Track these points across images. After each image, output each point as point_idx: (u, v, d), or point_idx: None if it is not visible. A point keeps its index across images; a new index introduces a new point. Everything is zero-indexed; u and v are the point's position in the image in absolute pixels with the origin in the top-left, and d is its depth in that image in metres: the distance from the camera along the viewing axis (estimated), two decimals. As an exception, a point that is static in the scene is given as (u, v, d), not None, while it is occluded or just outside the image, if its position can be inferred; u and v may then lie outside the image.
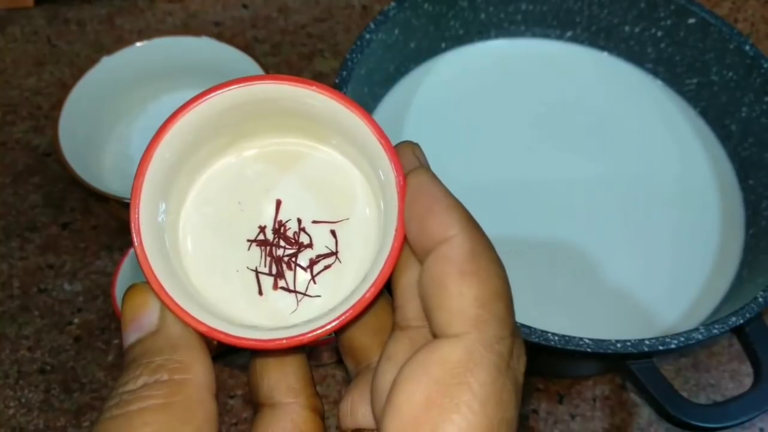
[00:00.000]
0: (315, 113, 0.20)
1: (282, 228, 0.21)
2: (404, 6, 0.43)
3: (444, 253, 0.18)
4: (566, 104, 0.48)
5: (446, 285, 0.17)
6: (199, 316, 0.19)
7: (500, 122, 0.47)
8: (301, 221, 0.21)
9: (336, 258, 0.21)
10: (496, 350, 0.17)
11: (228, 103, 0.20)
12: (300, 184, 0.21)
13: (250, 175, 0.21)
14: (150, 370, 0.18)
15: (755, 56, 0.42)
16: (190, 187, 0.21)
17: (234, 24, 0.58)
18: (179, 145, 0.20)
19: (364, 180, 0.21)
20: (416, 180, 0.19)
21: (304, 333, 0.18)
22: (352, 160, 0.21)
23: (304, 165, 0.21)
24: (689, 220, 0.43)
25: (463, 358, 0.17)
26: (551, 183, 0.44)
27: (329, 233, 0.21)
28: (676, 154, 0.46)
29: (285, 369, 0.21)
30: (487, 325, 0.17)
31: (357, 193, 0.21)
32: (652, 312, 0.40)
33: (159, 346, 0.18)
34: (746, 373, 0.43)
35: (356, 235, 0.21)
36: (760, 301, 0.34)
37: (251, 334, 0.19)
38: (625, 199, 0.44)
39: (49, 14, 0.58)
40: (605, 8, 0.47)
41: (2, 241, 0.48)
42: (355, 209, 0.21)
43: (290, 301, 0.21)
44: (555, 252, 0.42)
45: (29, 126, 0.53)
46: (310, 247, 0.21)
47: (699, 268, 0.42)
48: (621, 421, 0.42)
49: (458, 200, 0.19)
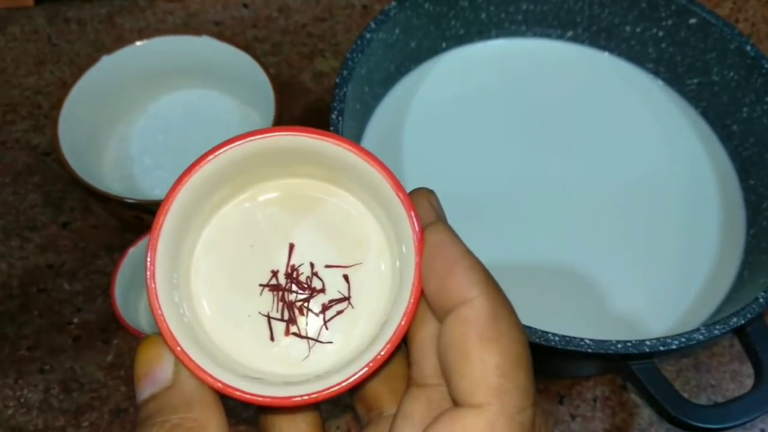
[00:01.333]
0: (330, 162, 0.20)
1: (295, 272, 0.21)
2: (405, 5, 0.43)
3: (464, 316, 0.17)
4: (566, 104, 0.48)
5: (467, 350, 0.17)
6: (214, 372, 0.18)
7: (500, 122, 0.47)
8: (314, 266, 0.21)
9: (348, 303, 0.21)
10: (518, 421, 0.17)
11: (242, 154, 0.20)
12: (313, 229, 0.21)
13: (262, 218, 0.21)
14: (165, 430, 0.18)
15: (756, 56, 0.42)
16: (203, 230, 0.21)
17: (234, 23, 0.58)
18: (193, 194, 0.20)
19: (378, 227, 0.21)
20: (435, 237, 0.19)
21: (320, 390, 0.18)
22: (368, 207, 0.21)
23: (317, 210, 0.21)
24: (690, 221, 0.43)
25: (486, 430, 0.17)
26: (551, 183, 0.44)
27: (342, 278, 0.21)
28: (676, 155, 0.46)
29: (296, 418, 0.21)
30: (509, 395, 0.17)
31: (371, 240, 0.21)
32: (653, 312, 0.40)
33: (174, 404, 0.18)
34: (747, 374, 0.43)
35: (369, 280, 0.21)
36: (761, 302, 0.34)
37: (266, 391, 0.18)
38: (625, 199, 0.44)
39: (49, 13, 0.58)
40: (606, 8, 0.47)
41: (2, 240, 0.48)
42: (369, 255, 0.21)
43: (302, 347, 0.20)
44: (554, 252, 0.42)
45: (29, 125, 0.53)
46: (323, 292, 0.21)
47: (700, 268, 0.42)
48: (621, 422, 0.42)
49: (478, 259, 0.19)
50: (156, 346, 0.19)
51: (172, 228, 0.19)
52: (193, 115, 0.50)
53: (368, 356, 0.19)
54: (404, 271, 0.20)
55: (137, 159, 0.48)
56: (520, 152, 0.46)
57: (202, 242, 0.21)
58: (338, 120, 0.38)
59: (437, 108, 0.47)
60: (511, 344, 0.17)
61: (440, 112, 0.47)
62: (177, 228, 0.19)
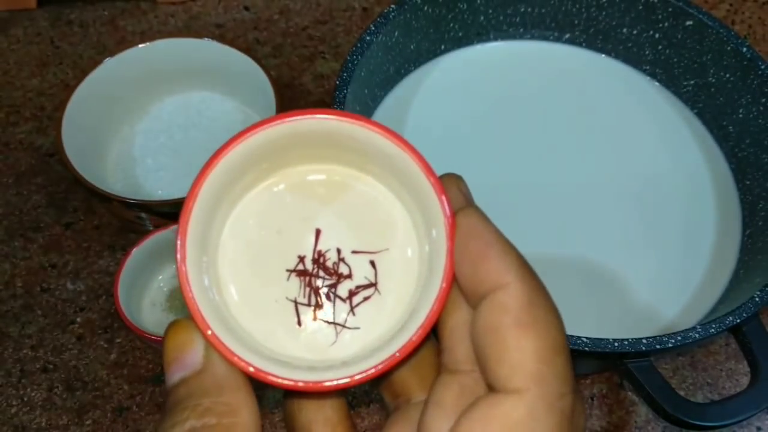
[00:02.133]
0: (359, 146, 0.20)
1: (321, 258, 0.21)
2: (404, 8, 0.43)
3: (499, 302, 0.17)
4: (564, 105, 0.48)
5: (503, 336, 0.17)
6: (245, 356, 0.18)
7: (499, 123, 0.47)
8: (341, 251, 0.21)
9: (375, 289, 0.21)
10: (558, 408, 0.16)
11: (270, 138, 0.20)
12: (341, 215, 0.21)
13: (289, 204, 0.21)
14: (197, 414, 0.17)
15: (752, 58, 0.42)
16: (229, 215, 0.21)
17: (236, 26, 0.59)
18: (221, 179, 0.20)
19: (405, 213, 0.21)
20: (467, 220, 0.19)
21: (351, 375, 0.18)
22: (395, 193, 0.21)
23: (345, 195, 0.21)
24: (686, 221, 0.44)
25: (525, 416, 0.16)
26: (548, 184, 0.45)
27: (369, 264, 0.21)
28: (673, 155, 0.47)
29: (323, 401, 0.21)
30: (548, 381, 0.17)
31: (398, 225, 0.21)
32: (649, 311, 0.40)
33: (205, 388, 0.18)
34: (743, 372, 0.44)
35: (396, 266, 0.21)
36: (756, 301, 0.35)
37: (298, 375, 0.18)
38: (621, 199, 0.44)
39: (52, 15, 0.59)
40: (603, 10, 0.47)
41: (5, 240, 0.48)
42: (396, 241, 0.21)
43: (329, 332, 0.20)
44: (549, 252, 0.42)
45: (32, 127, 0.53)
46: (350, 277, 0.21)
47: (696, 267, 0.42)
48: (618, 420, 0.42)
49: (512, 244, 0.18)
50: (186, 330, 0.19)
51: (201, 213, 0.19)
52: (195, 117, 0.51)
53: (399, 342, 0.19)
54: (434, 257, 0.19)
55: (139, 160, 0.49)
56: (518, 153, 0.46)
57: (229, 227, 0.21)
58: (338, 121, 0.38)
59: (436, 110, 0.47)
60: (549, 330, 0.17)
61: (439, 113, 0.47)
62: (205, 213, 0.19)
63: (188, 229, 0.19)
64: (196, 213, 0.19)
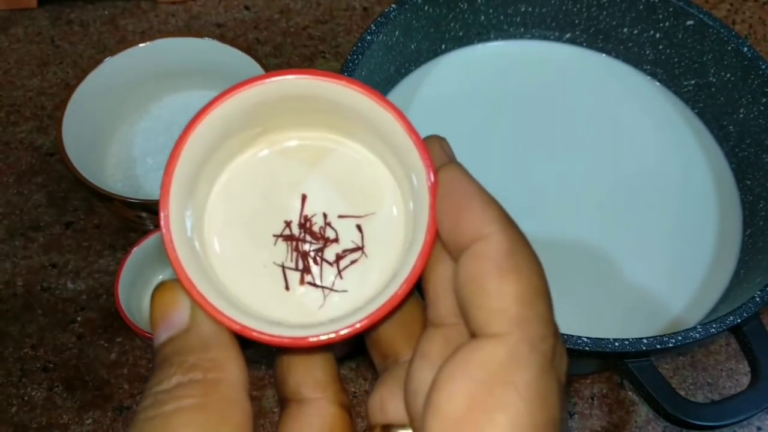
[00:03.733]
0: (342, 108, 0.20)
1: (308, 223, 0.21)
2: (404, 8, 0.43)
3: (481, 251, 0.17)
4: (565, 105, 0.48)
5: (485, 283, 0.17)
6: (231, 313, 0.18)
7: (499, 123, 0.47)
8: (327, 216, 0.21)
9: (362, 253, 0.21)
10: (540, 350, 0.16)
11: (255, 98, 0.19)
12: (326, 179, 0.21)
13: (275, 170, 0.21)
14: (183, 369, 0.18)
15: (753, 58, 0.42)
16: (215, 181, 0.21)
17: (236, 25, 0.59)
18: (206, 141, 0.19)
19: (390, 175, 0.21)
20: (448, 175, 0.19)
21: (336, 330, 0.18)
22: (379, 155, 0.21)
23: (330, 160, 0.21)
24: (687, 220, 0.44)
25: (507, 357, 0.16)
26: (549, 184, 0.45)
27: (355, 228, 0.21)
28: (674, 155, 0.47)
29: (312, 364, 0.21)
30: (530, 324, 0.16)
31: (383, 188, 0.21)
32: (649, 311, 0.40)
33: (191, 345, 0.18)
34: (743, 372, 0.44)
35: (383, 229, 0.21)
36: (757, 301, 0.35)
37: (283, 332, 0.18)
38: (622, 199, 0.44)
39: (52, 15, 0.59)
40: (604, 10, 0.47)
41: (6, 240, 0.48)
42: (382, 204, 0.21)
43: (317, 296, 0.20)
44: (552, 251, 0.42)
45: (33, 126, 0.53)
46: (336, 241, 0.21)
47: (697, 267, 0.42)
48: (619, 420, 0.42)
49: (493, 197, 0.18)
50: (172, 290, 0.19)
51: (184, 175, 0.19)
52: (195, 116, 0.51)
53: (384, 297, 0.19)
54: (418, 214, 0.19)
55: (140, 160, 0.49)
56: (519, 153, 0.46)
57: (215, 192, 0.21)
58: (339, 121, 0.38)
59: (437, 109, 0.47)
60: (530, 276, 0.17)
61: (440, 113, 0.47)
62: (189, 175, 0.19)
63: (170, 191, 0.19)
64: (178, 176, 0.19)
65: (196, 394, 0.17)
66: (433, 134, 0.20)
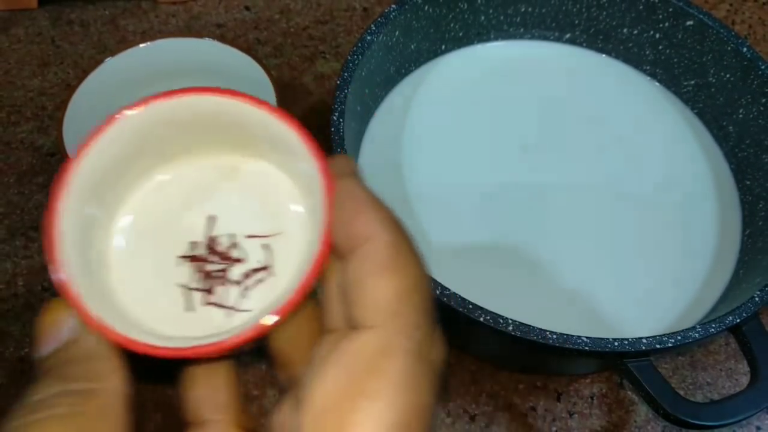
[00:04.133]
0: (245, 125, 0.20)
1: (214, 243, 0.21)
2: (405, 8, 0.43)
3: (365, 252, 0.18)
4: (564, 106, 0.48)
5: (365, 282, 0.17)
6: (117, 327, 0.18)
7: (499, 123, 0.47)
8: (235, 236, 0.21)
9: (269, 272, 0.21)
10: (413, 338, 0.17)
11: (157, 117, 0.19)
12: (233, 198, 0.21)
13: (183, 189, 0.21)
14: (62, 379, 0.18)
15: (752, 58, 0.42)
16: (122, 200, 0.21)
17: (236, 26, 0.59)
18: (108, 157, 0.19)
19: (297, 192, 0.21)
20: (343, 184, 0.19)
21: (223, 340, 0.18)
22: (286, 171, 0.21)
23: (237, 179, 0.21)
24: (686, 220, 0.44)
25: (378, 347, 0.17)
26: (549, 184, 0.45)
27: (263, 247, 0.21)
28: (673, 156, 0.47)
29: (212, 383, 0.21)
30: (402, 315, 0.17)
31: (291, 206, 0.21)
32: (649, 311, 0.40)
33: (73, 356, 0.18)
34: (743, 372, 0.44)
35: (290, 247, 0.21)
36: (756, 301, 0.35)
37: (171, 344, 0.18)
38: (620, 199, 0.44)
39: (52, 15, 0.59)
40: (603, 10, 0.48)
41: (7, 240, 0.48)
42: (289, 222, 0.21)
43: (220, 317, 0.20)
44: (553, 251, 0.42)
45: (33, 126, 0.53)
46: (243, 261, 0.21)
47: (696, 267, 0.42)
48: (618, 419, 0.42)
49: (384, 203, 0.19)
50: (57, 308, 0.19)
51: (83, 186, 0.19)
52: (196, 117, 0.51)
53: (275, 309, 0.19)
54: (317, 225, 0.19)
55: (140, 160, 0.49)
56: (518, 154, 0.46)
57: (121, 210, 0.21)
58: (339, 121, 0.38)
59: (437, 110, 0.47)
60: (409, 271, 0.18)
61: (440, 113, 0.47)
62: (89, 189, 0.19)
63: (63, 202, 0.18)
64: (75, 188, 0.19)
65: (71, 403, 0.17)
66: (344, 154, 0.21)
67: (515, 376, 0.43)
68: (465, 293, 0.33)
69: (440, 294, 0.33)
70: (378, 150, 0.45)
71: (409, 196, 0.43)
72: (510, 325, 0.32)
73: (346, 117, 0.39)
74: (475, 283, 0.40)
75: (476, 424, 0.42)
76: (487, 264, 0.40)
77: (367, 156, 0.44)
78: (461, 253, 0.41)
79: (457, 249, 0.41)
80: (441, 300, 0.33)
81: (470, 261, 0.41)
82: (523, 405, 0.42)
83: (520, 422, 0.42)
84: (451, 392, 0.43)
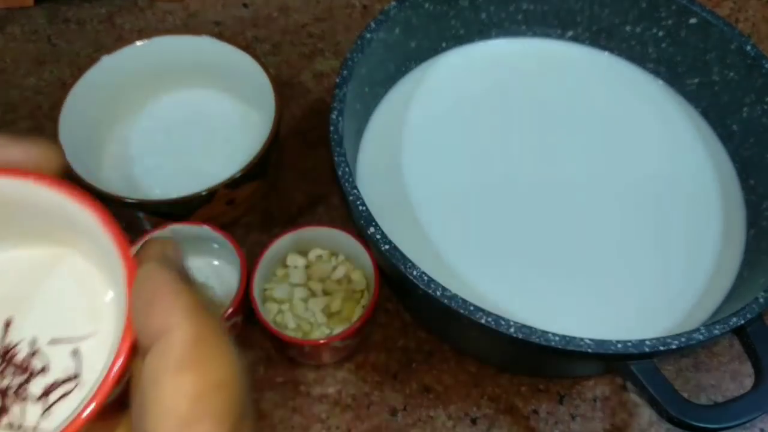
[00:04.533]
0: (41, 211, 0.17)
1: (10, 352, 0.18)
2: (405, 5, 0.43)
3: (162, 346, 0.16)
4: (567, 104, 0.48)
5: (161, 382, 0.15)
6: None
7: (500, 121, 0.47)
8: (36, 342, 0.18)
9: (77, 382, 0.18)
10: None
11: None
12: (37, 300, 0.19)
13: None
14: None
15: (756, 56, 0.42)
16: None
17: (234, 23, 0.58)
18: None
19: (110, 288, 0.19)
20: (144, 270, 0.17)
21: None
22: (95, 263, 0.19)
23: (40, 277, 0.19)
24: (690, 221, 0.43)
25: None
26: (552, 182, 0.44)
27: (71, 353, 0.18)
28: (677, 155, 0.46)
29: None
30: (200, 424, 0.15)
31: (102, 305, 0.19)
32: (652, 312, 0.40)
33: None
34: (747, 374, 0.43)
35: (101, 351, 0.18)
36: (761, 302, 0.34)
37: None
38: (625, 198, 0.44)
39: (49, 13, 0.58)
40: (606, 8, 0.47)
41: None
42: (101, 322, 0.18)
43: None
44: (555, 252, 0.42)
45: (29, 125, 0.53)
46: (46, 372, 0.18)
47: (700, 268, 0.42)
48: (621, 422, 0.42)
49: (187, 287, 0.17)
50: None
51: None
52: (194, 115, 0.50)
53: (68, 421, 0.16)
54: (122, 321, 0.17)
55: (137, 159, 0.48)
56: (521, 151, 0.46)
57: None
58: (338, 120, 0.38)
59: (437, 107, 0.47)
60: (211, 369, 0.16)
61: (440, 111, 0.47)
62: None
63: None
64: None
65: None
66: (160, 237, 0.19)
67: (517, 379, 0.43)
68: (465, 293, 0.33)
69: (441, 295, 0.33)
70: (378, 148, 0.45)
71: (409, 195, 0.42)
72: (511, 327, 0.32)
73: (346, 115, 0.39)
74: (475, 283, 0.39)
75: (477, 427, 0.41)
76: (487, 264, 0.40)
77: (367, 154, 0.44)
78: (461, 253, 0.41)
79: (456, 248, 0.41)
80: (442, 301, 0.32)
81: (470, 261, 0.40)
82: (525, 408, 0.42)
83: (522, 425, 0.41)
84: (451, 395, 0.42)
